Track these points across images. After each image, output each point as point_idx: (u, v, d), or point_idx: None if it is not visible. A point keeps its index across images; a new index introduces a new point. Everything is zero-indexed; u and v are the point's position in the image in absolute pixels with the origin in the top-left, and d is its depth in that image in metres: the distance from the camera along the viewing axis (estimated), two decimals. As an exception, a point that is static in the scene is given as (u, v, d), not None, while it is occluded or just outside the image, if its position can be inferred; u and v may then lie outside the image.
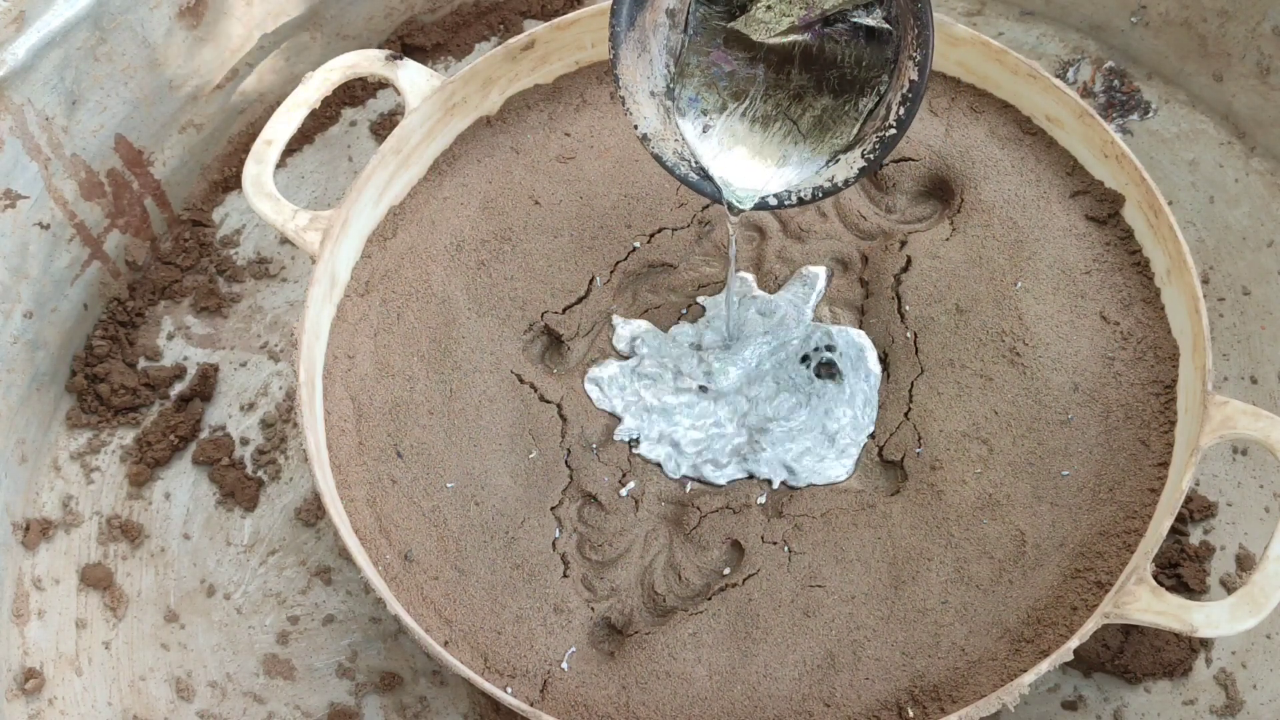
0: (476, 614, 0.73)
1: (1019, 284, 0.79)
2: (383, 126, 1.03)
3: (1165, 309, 0.78)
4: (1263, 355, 0.91)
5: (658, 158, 0.73)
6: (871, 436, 0.77)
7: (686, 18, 0.72)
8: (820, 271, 0.81)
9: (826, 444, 0.77)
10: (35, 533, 0.88)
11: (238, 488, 0.90)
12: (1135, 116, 1.00)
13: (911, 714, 0.70)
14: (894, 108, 0.69)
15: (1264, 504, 0.87)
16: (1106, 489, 0.74)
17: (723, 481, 0.76)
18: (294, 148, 1.02)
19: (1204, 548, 0.86)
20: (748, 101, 0.73)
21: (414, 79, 0.82)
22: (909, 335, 0.79)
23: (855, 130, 0.70)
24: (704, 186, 0.73)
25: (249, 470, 0.91)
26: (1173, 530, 0.85)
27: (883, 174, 0.84)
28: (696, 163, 0.73)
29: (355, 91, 1.04)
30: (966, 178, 0.83)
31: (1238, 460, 0.88)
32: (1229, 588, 0.84)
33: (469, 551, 0.75)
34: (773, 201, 0.72)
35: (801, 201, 0.72)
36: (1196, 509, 0.87)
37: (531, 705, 0.70)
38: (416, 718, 0.83)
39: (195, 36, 0.94)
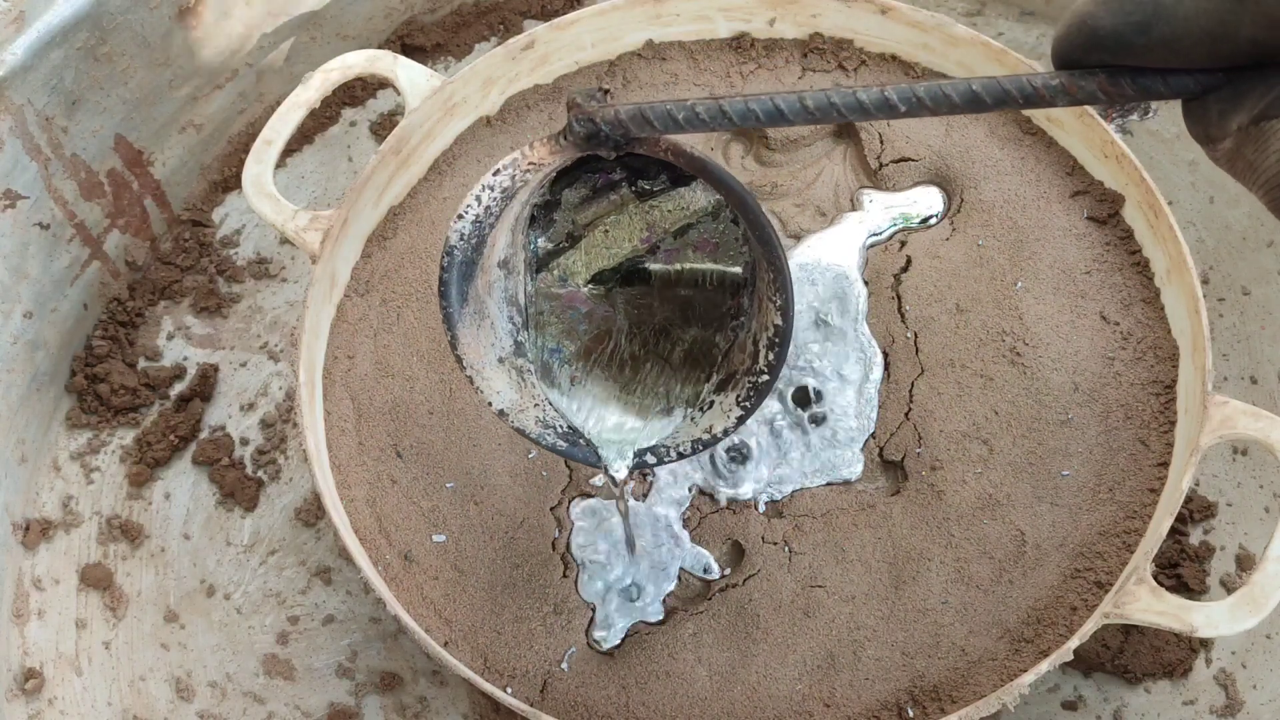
0: (476, 614, 0.73)
1: (1019, 284, 0.79)
2: (383, 126, 1.03)
3: (1165, 309, 0.78)
4: (1263, 355, 0.91)
5: (521, 431, 0.66)
6: (872, 436, 0.77)
7: (524, 258, 0.66)
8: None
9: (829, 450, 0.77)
10: (35, 533, 0.88)
11: (238, 488, 0.90)
12: (1135, 116, 1.00)
13: (911, 714, 0.70)
14: (763, 351, 0.63)
15: (1264, 504, 0.87)
16: (1106, 489, 0.74)
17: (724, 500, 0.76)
18: (294, 148, 1.02)
19: (1204, 548, 0.86)
20: (611, 343, 0.67)
21: (414, 79, 0.82)
22: (909, 335, 0.79)
23: (727, 363, 0.66)
24: (576, 453, 0.67)
25: (249, 470, 0.91)
26: (1173, 530, 0.85)
27: (882, 174, 0.84)
28: (564, 427, 0.67)
29: (355, 91, 1.04)
30: (966, 178, 0.83)
31: (1238, 460, 0.88)
32: (1229, 588, 0.84)
33: (469, 551, 0.75)
34: (651, 459, 0.66)
35: (681, 455, 0.66)
36: (1196, 509, 0.87)
37: (531, 705, 0.70)
38: (416, 718, 0.83)
39: (195, 36, 0.94)
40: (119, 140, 0.93)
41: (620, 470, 0.66)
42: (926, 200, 0.83)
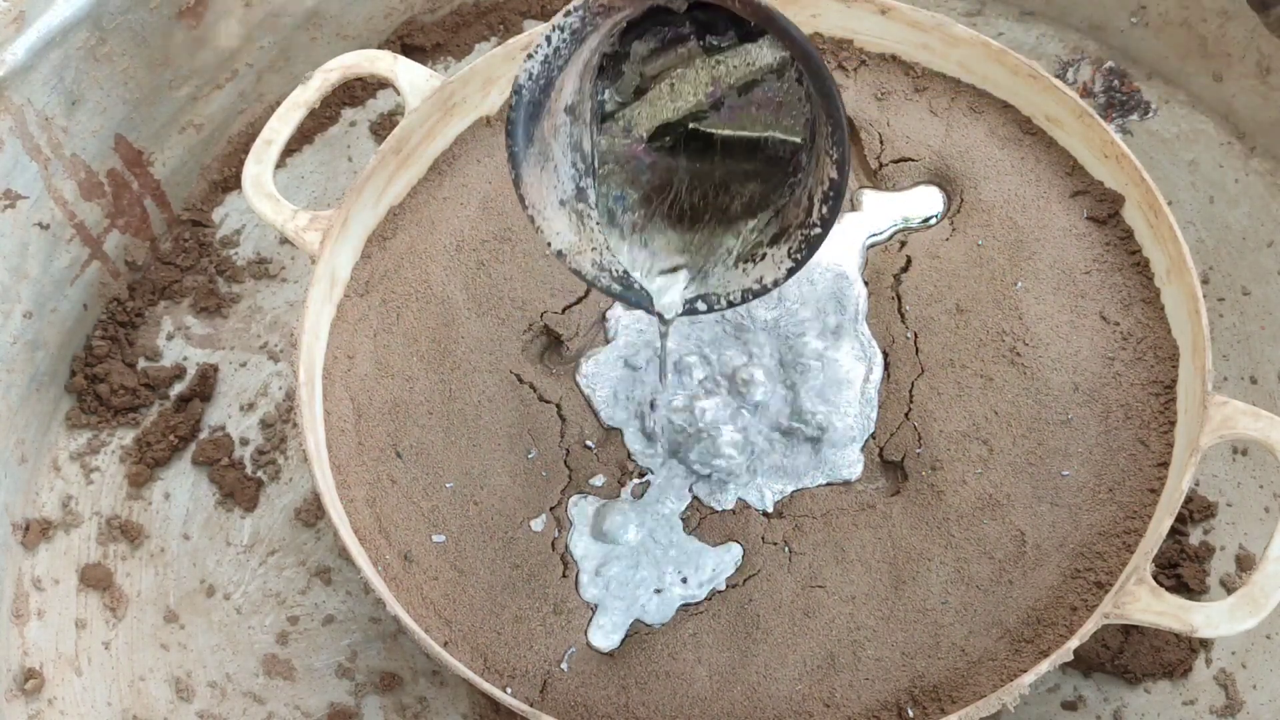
0: (476, 614, 0.73)
1: (1019, 284, 0.79)
2: (383, 126, 1.03)
3: (1165, 309, 0.78)
4: (1263, 355, 0.91)
5: (577, 272, 0.68)
6: (872, 436, 0.77)
7: (590, 107, 0.67)
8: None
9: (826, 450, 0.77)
10: (35, 533, 0.88)
11: (237, 488, 0.90)
12: (1135, 116, 1.00)
13: (911, 714, 0.70)
14: (816, 205, 0.64)
15: (1264, 504, 0.87)
16: (1106, 489, 0.74)
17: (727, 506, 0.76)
18: (294, 148, 1.02)
19: (1204, 548, 0.86)
20: (672, 194, 0.69)
21: (414, 79, 0.82)
22: (909, 335, 0.79)
23: (782, 217, 0.67)
24: (629, 296, 0.68)
25: (249, 470, 0.91)
26: (1173, 530, 0.85)
27: (882, 174, 0.84)
28: (619, 270, 0.68)
29: (355, 91, 1.04)
30: (966, 178, 0.83)
31: (1238, 460, 0.88)
32: (1229, 588, 0.84)
33: (468, 551, 0.75)
34: (702, 306, 0.68)
35: (731, 304, 0.68)
36: (1196, 509, 0.87)
37: (531, 705, 0.70)
38: (416, 718, 0.83)
39: (195, 36, 0.94)
40: (119, 140, 0.93)
41: (671, 312, 0.68)
42: (926, 200, 0.83)
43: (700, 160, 0.68)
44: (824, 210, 0.63)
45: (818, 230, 0.64)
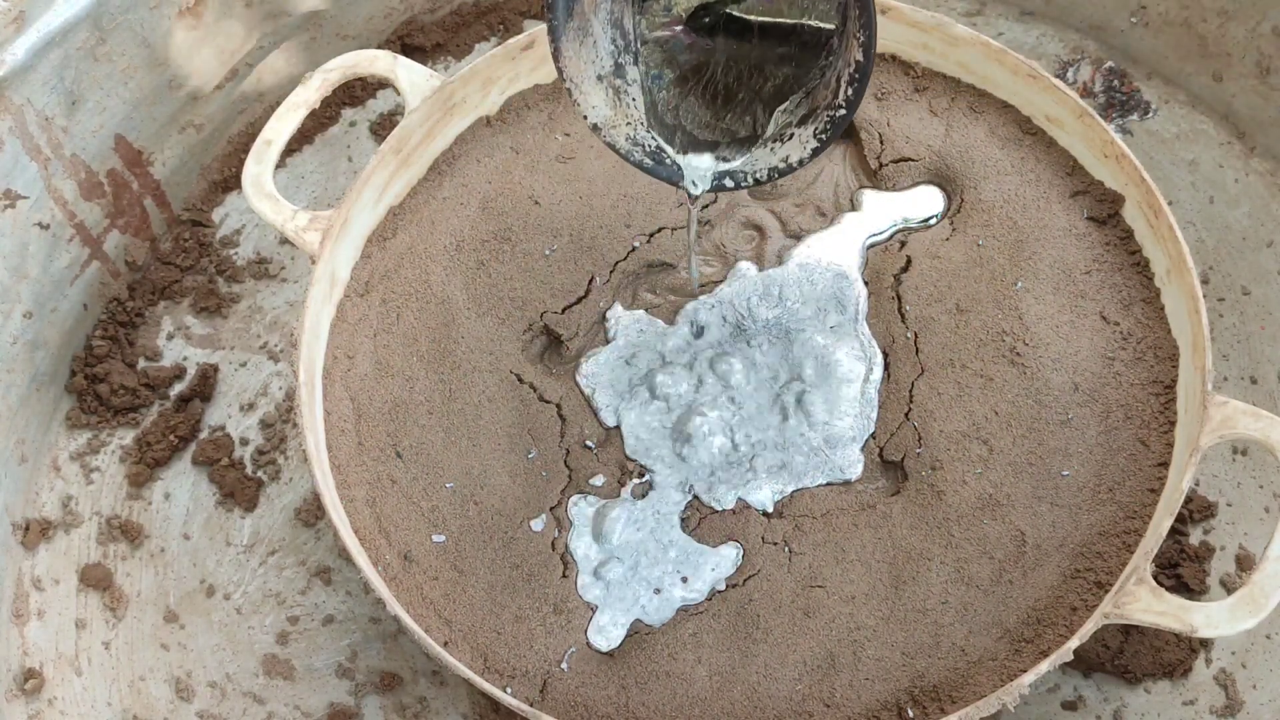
0: (476, 614, 0.73)
1: (1019, 284, 0.79)
2: (383, 126, 1.03)
3: (1165, 309, 0.78)
4: (1263, 355, 0.91)
5: (611, 146, 0.72)
6: (872, 436, 0.77)
7: None
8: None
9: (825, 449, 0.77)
10: (35, 533, 0.88)
11: (237, 488, 0.90)
12: (1135, 116, 1.00)
13: (911, 714, 0.70)
14: (843, 87, 0.67)
15: (1264, 504, 0.87)
16: (1106, 489, 0.74)
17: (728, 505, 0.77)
18: (294, 148, 1.02)
19: (1204, 548, 0.86)
20: (709, 74, 0.71)
21: (414, 79, 0.82)
22: (909, 335, 0.79)
23: (811, 99, 0.69)
24: (660, 171, 0.72)
25: (249, 470, 0.91)
26: (1173, 530, 0.85)
27: (882, 174, 0.84)
28: (652, 146, 0.72)
29: (355, 91, 1.04)
30: (966, 178, 0.83)
31: (1238, 460, 0.88)
32: (1229, 588, 0.84)
33: (468, 551, 0.75)
34: (729, 183, 0.72)
35: (757, 182, 0.72)
36: (1196, 509, 0.87)
37: (531, 705, 0.70)
38: (416, 718, 0.83)
39: (195, 36, 0.94)
40: (119, 140, 0.93)
41: (699, 188, 0.72)
42: (926, 200, 0.83)
43: (737, 43, 0.71)
44: (849, 92, 0.66)
45: (842, 112, 0.67)
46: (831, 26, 0.68)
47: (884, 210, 0.83)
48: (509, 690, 0.71)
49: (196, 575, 0.88)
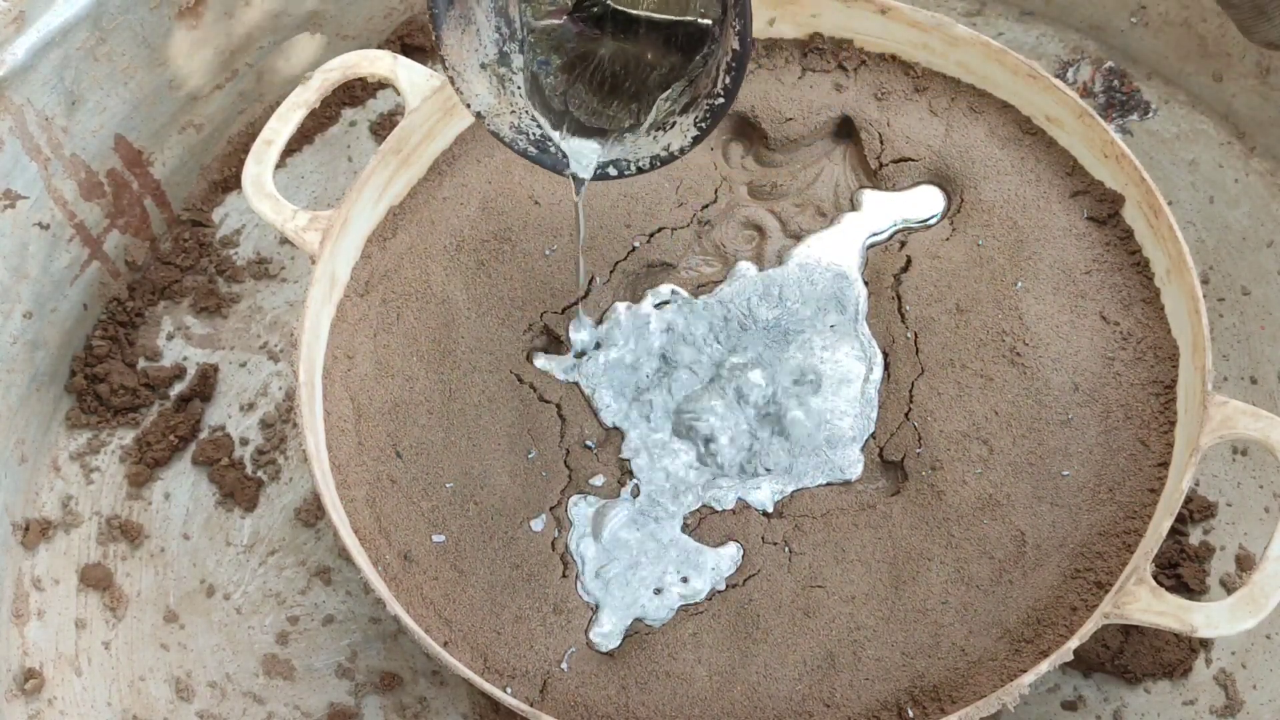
0: (476, 614, 0.73)
1: (1019, 284, 0.79)
2: (383, 126, 1.03)
3: (1165, 309, 0.78)
4: (1263, 355, 0.91)
5: (495, 134, 0.72)
6: (872, 436, 0.77)
7: None
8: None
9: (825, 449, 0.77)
10: (35, 533, 0.88)
11: (237, 488, 0.90)
12: (1135, 116, 1.00)
13: (911, 714, 0.70)
14: (720, 76, 0.67)
15: (1264, 504, 0.87)
16: (1106, 489, 0.74)
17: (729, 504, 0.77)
18: (294, 148, 1.02)
19: (1204, 548, 0.86)
20: (596, 62, 0.72)
21: (414, 79, 0.82)
22: (909, 335, 0.79)
23: (693, 88, 0.70)
24: (545, 159, 0.73)
25: (249, 470, 0.91)
26: (1173, 530, 0.85)
27: (882, 174, 0.84)
28: (536, 134, 0.72)
29: (355, 91, 1.04)
30: (966, 178, 0.83)
31: (1238, 460, 0.88)
32: (1229, 588, 0.84)
33: (469, 551, 0.75)
34: (613, 172, 0.72)
35: (640, 170, 0.72)
36: (1196, 509, 0.87)
37: (531, 705, 0.70)
38: (416, 718, 0.83)
39: (195, 36, 0.94)
40: (119, 140, 0.93)
41: (584, 174, 0.72)
42: (926, 200, 0.83)
43: (623, 33, 0.71)
44: (727, 80, 0.67)
45: (721, 100, 0.67)
46: (710, 22, 0.69)
47: (884, 210, 0.83)
48: (509, 690, 0.71)
49: (196, 575, 0.88)
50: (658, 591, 0.74)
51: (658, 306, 0.81)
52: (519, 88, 0.72)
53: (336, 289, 0.80)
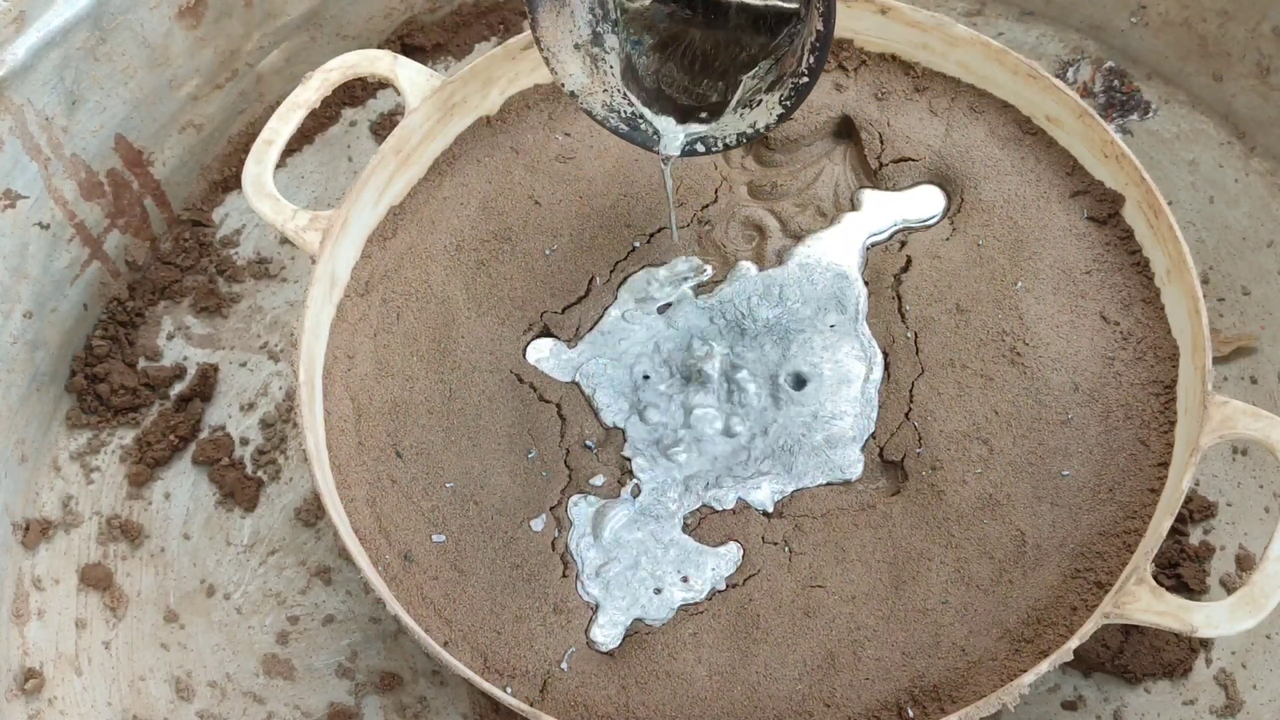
0: (476, 614, 0.73)
1: (1019, 284, 0.79)
2: (383, 126, 1.03)
3: (1165, 309, 0.78)
4: (1263, 355, 0.91)
5: (588, 112, 0.75)
6: (872, 436, 0.77)
7: None
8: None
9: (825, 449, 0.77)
10: (35, 533, 0.88)
11: (237, 488, 0.90)
12: (1135, 116, 1.00)
13: (911, 714, 0.70)
14: (806, 55, 0.69)
15: (1264, 504, 0.87)
16: (1106, 489, 0.74)
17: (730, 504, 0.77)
18: (294, 148, 1.02)
19: (1204, 548, 0.86)
20: (687, 41, 0.74)
21: (414, 79, 0.82)
22: (909, 335, 0.79)
23: (779, 67, 0.72)
24: (635, 136, 0.75)
25: (249, 470, 0.91)
26: (1173, 530, 0.85)
27: (882, 174, 0.84)
28: (628, 112, 0.75)
29: (355, 91, 1.04)
30: (966, 178, 0.83)
31: (1238, 460, 0.88)
32: (1229, 588, 0.84)
33: (469, 551, 0.75)
34: (701, 148, 0.75)
35: (727, 146, 0.75)
36: (1196, 509, 0.87)
37: (531, 705, 0.70)
38: (416, 718, 0.83)
39: (195, 36, 0.94)
40: (119, 140, 0.93)
41: (673, 150, 0.75)
42: (926, 200, 0.83)
43: (713, 14, 0.73)
44: (811, 60, 0.69)
45: (805, 79, 0.70)
46: (796, 5, 0.71)
47: (884, 210, 0.83)
48: (509, 690, 0.71)
49: (196, 575, 0.88)
50: (658, 591, 0.74)
51: (659, 308, 0.81)
52: (611, 67, 0.74)
53: (336, 289, 0.80)
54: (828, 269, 0.81)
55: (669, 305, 0.81)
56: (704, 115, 0.75)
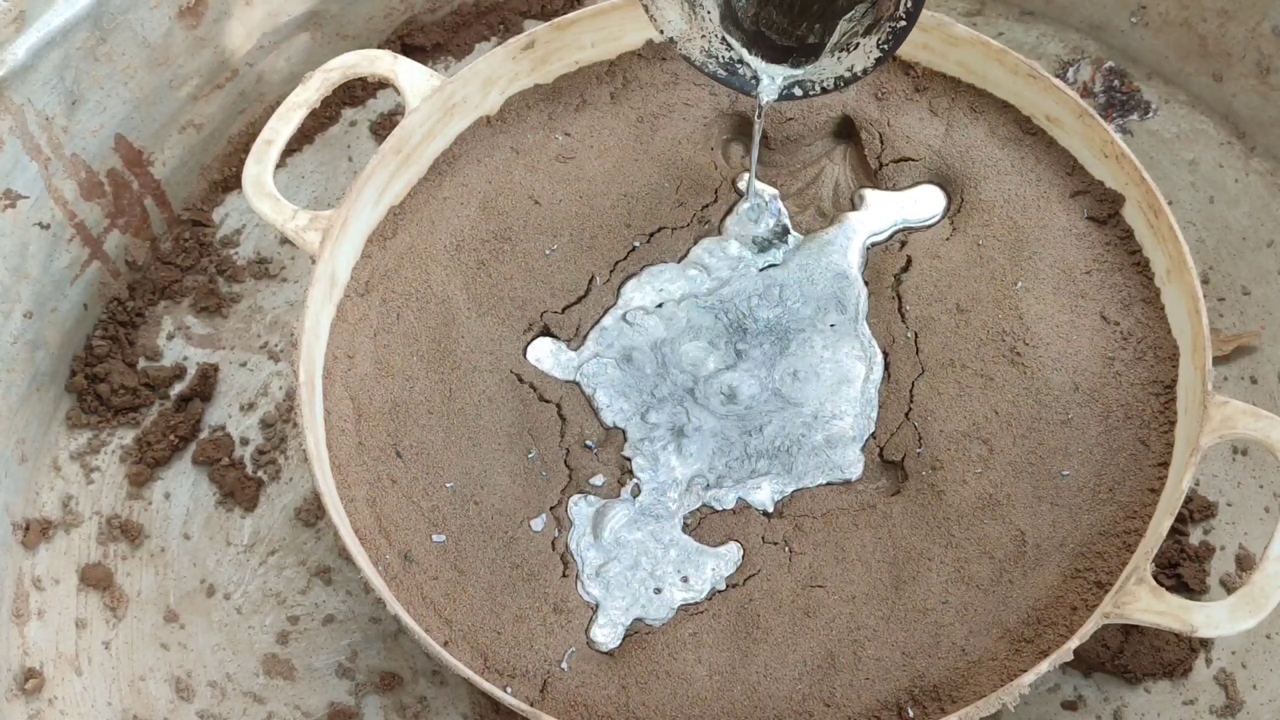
0: (476, 614, 0.73)
1: (1019, 284, 0.79)
2: (383, 126, 1.03)
3: (1165, 309, 0.78)
4: (1263, 355, 0.91)
5: (686, 58, 0.76)
6: (872, 436, 0.77)
7: None
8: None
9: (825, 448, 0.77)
10: (35, 533, 0.88)
11: (238, 488, 0.90)
12: (1135, 116, 1.00)
13: (911, 714, 0.70)
14: (904, 0, 0.70)
15: (1264, 504, 0.87)
16: (1106, 489, 0.74)
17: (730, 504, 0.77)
18: (294, 148, 1.02)
19: (1204, 548, 0.86)
20: None
21: (414, 79, 0.82)
22: (909, 335, 0.79)
23: (876, 9, 0.72)
24: (733, 80, 0.77)
25: (249, 470, 0.91)
26: (1173, 530, 0.85)
27: (882, 174, 0.84)
28: (725, 57, 0.76)
29: (355, 91, 1.04)
30: (966, 178, 0.83)
31: (1238, 460, 0.88)
32: (1229, 588, 0.84)
33: (469, 551, 0.75)
34: (798, 92, 0.76)
35: (824, 90, 0.76)
36: (1196, 509, 0.87)
37: (531, 705, 0.70)
38: (416, 718, 0.83)
39: (195, 36, 0.94)
40: (119, 140, 0.93)
41: (771, 94, 0.76)
42: (926, 200, 0.83)
43: None
44: (909, 3, 0.70)
45: (903, 23, 0.71)
46: None
47: (884, 210, 0.83)
48: (509, 690, 0.71)
49: (196, 575, 0.88)
50: (658, 591, 0.74)
51: (658, 306, 0.81)
52: (710, 12, 0.75)
53: (336, 289, 0.80)
54: (828, 269, 0.81)
55: (660, 305, 0.81)
56: (801, 59, 0.75)
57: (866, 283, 0.81)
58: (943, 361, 0.78)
